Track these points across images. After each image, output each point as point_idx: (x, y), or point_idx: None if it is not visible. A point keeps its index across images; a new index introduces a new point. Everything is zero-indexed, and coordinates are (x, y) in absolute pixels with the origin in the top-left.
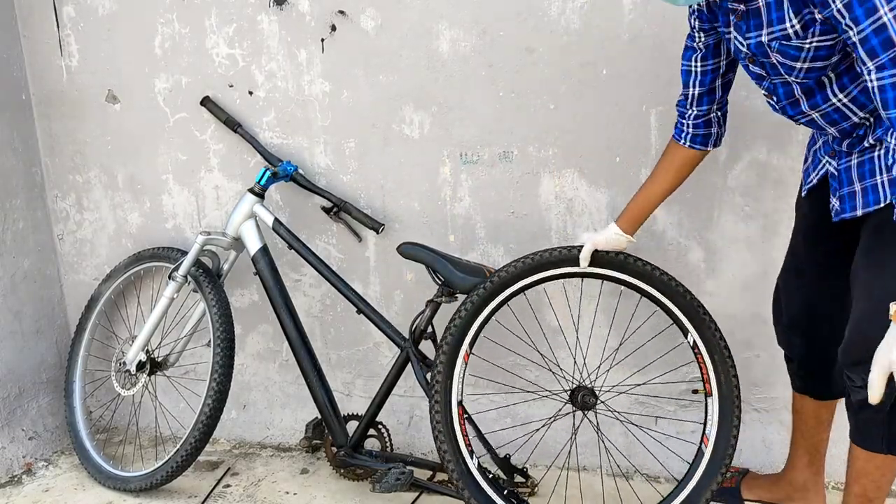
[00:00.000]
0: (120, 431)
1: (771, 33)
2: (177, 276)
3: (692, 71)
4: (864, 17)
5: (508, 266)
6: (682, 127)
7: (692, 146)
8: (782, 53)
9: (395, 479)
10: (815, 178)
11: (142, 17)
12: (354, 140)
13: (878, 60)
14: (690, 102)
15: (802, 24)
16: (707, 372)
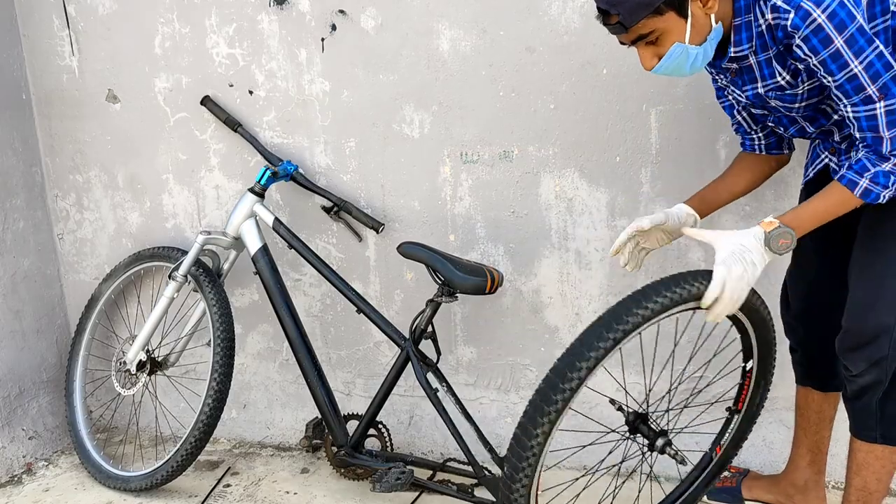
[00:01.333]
0: (120, 431)
1: (766, 85)
2: (177, 276)
3: (731, 104)
4: (837, 70)
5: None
6: (754, 141)
7: (769, 153)
8: (779, 100)
9: (395, 479)
10: (811, 172)
11: (142, 17)
12: (354, 140)
13: (851, 100)
14: (749, 125)
15: (791, 73)
16: (747, 394)
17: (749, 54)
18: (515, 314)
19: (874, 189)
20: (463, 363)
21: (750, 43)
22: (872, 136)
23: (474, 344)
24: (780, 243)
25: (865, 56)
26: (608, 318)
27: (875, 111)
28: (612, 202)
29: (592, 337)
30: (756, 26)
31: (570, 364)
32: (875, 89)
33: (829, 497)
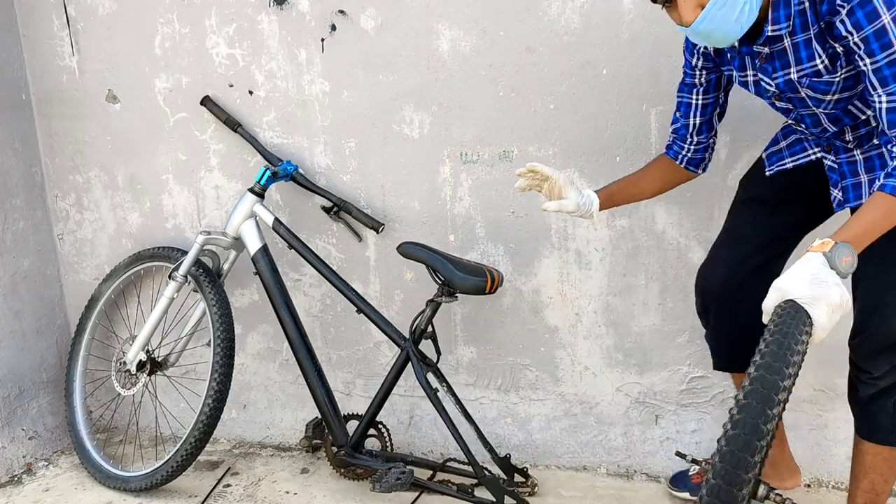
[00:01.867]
0: (120, 431)
1: (801, 70)
2: (177, 276)
3: (693, 103)
4: (879, 50)
5: None
6: (682, 150)
7: (688, 168)
8: (812, 88)
9: (395, 479)
10: (790, 163)
11: (142, 17)
12: (354, 140)
13: (888, 88)
14: (692, 132)
15: (830, 58)
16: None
17: (785, 35)
18: (515, 314)
19: None
20: (463, 363)
21: (788, 21)
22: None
23: (474, 344)
24: (844, 262)
25: None
26: (756, 410)
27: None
28: None
29: (753, 437)
30: (796, 3)
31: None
32: None
33: (829, 497)
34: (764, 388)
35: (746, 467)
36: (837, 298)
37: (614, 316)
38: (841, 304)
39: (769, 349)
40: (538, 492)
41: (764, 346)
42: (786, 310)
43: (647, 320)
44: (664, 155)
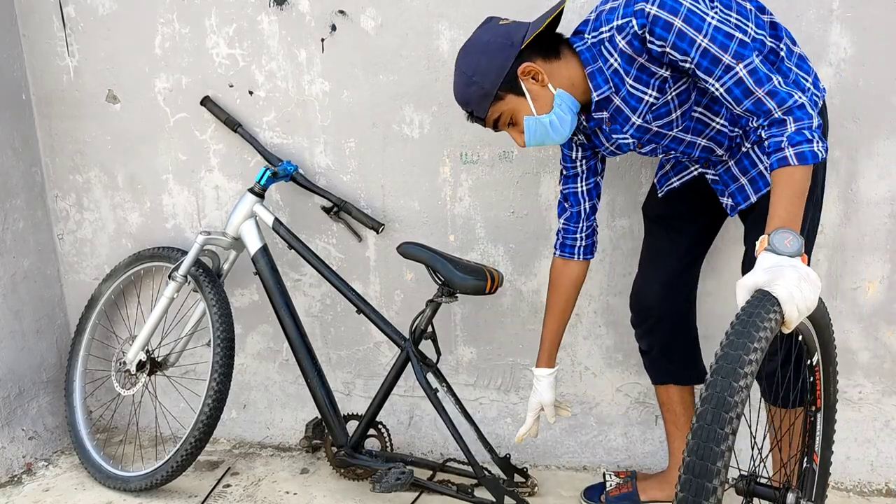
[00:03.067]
0: (120, 431)
1: (640, 113)
2: (177, 276)
3: (579, 192)
4: (689, 48)
5: None
6: (574, 243)
7: (584, 258)
8: (657, 118)
9: (395, 479)
10: (676, 182)
11: (142, 17)
12: (354, 140)
13: (715, 75)
14: (582, 219)
15: (657, 89)
16: (821, 389)
17: (611, 95)
18: (515, 314)
19: (803, 149)
20: (463, 363)
21: (608, 84)
22: (752, 102)
23: (474, 344)
24: (786, 243)
25: (705, 31)
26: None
27: (738, 75)
28: (612, 202)
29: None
30: (608, 67)
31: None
32: (730, 58)
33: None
34: (728, 364)
35: (717, 440)
36: (794, 273)
37: (614, 316)
38: (801, 276)
39: (733, 329)
40: (538, 492)
41: (729, 328)
42: (752, 297)
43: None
44: (558, 262)
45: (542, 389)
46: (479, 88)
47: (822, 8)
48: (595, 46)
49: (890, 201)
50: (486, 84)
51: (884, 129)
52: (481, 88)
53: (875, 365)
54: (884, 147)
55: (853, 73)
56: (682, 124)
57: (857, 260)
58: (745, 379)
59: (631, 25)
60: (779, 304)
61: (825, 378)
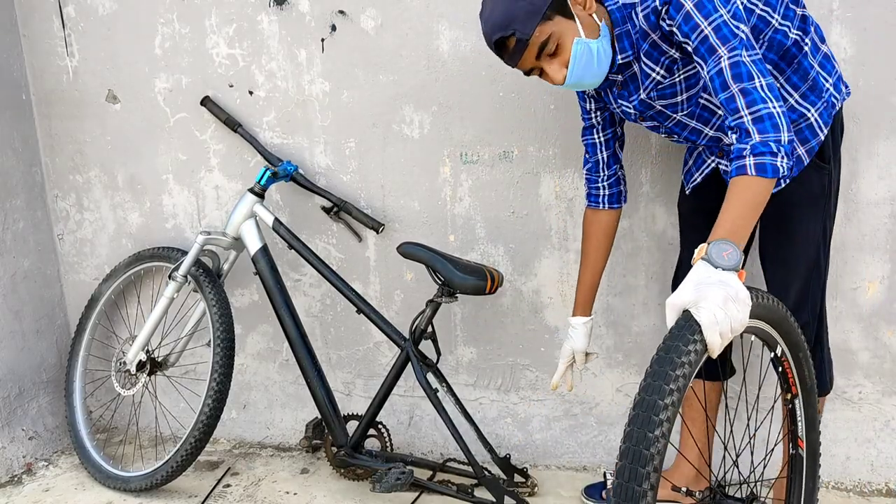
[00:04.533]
0: (120, 431)
1: (646, 88)
2: (177, 276)
3: (597, 142)
4: (691, 32)
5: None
6: (598, 192)
7: (611, 207)
8: (661, 97)
9: (395, 479)
10: (699, 177)
11: (142, 17)
12: (354, 140)
13: (708, 64)
14: (602, 168)
15: (665, 67)
16: (793, 375)
17: (633, 61)
18: (515, 314)
19: (764, 160)
20: (463, 363)
21: (633, 49)
22: (726, 98)
23: (474, 344)
24: (725, 255)
25: (714, 19)
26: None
27: (721, 63)
28: None
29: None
30: (634, 33)
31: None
32: (724, 49)
33: (829, 497)
34: (644, 411)
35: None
36: (720, 293)
37: (614, 316)
38: (728, 296)
39: (651, 369)
40: (538, 492)
41: (649, 365)
42: (676, 323)
43: (647, 320)
44: (588, 212)
45: (576, 337)
46: (528, 4)
47: (822, 8)
48: (626, 9)
49: (890, 201)
50: (538, 1)
51: (884, 129)
52: (531, 4)
53: (875, 365)
54: (884, 147)
55: (853, 73)
56: (687, 109)
57: (857, 260)
58: (662, 427)
59: (654, 1)
60: (701, 332)
61: (796, 364)
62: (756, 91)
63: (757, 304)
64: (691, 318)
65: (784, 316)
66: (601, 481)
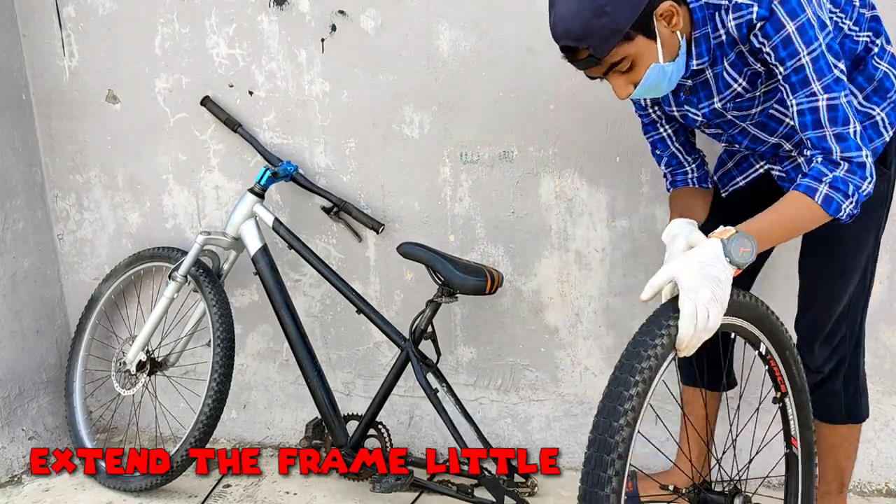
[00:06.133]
0: (120, 431)
1: (723, 98)
2: (177, 276)
3: (665, 135)
4: (788, 58)
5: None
6: (687, 175)
7: (702, 185)
8: (737, 108)
9: (395, 479)
10: (742, 181)
11: (142, 17)
12: (354, 140)
13: (797, 95)
14: (683, 156)
15: (748, 79)
16: (781, 374)
17: (706, 67)
18: (515, 314)
19: (835, 196)
20: (463, 363)
21: (709, 55)
22: (817, 136)
23: (474, 344)
24: (741, 251)
25: (814, 49)
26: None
27: (817, 103)
28: (612, 202)
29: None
30: (714, 37)
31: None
32: (820, 86)
33: None
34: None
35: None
36: (710, 291)
37: (614, 316)
38: (714, 296)
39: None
40: (538, 492)
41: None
42: (655, 311)
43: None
44: (674, 190)
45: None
46: (610, 21)
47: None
48: (709, 9)
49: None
50: (621, 18)
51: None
52: (614, 22)
53: (875, 365)
54: None
55: None
56: (757, 119)
57: None
58: (626, 416)
59: (750, 11)
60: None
61: (783, 363)
62: (851, 138)
63: (736, 302)
64: (668, 309)
65: (765, 313)
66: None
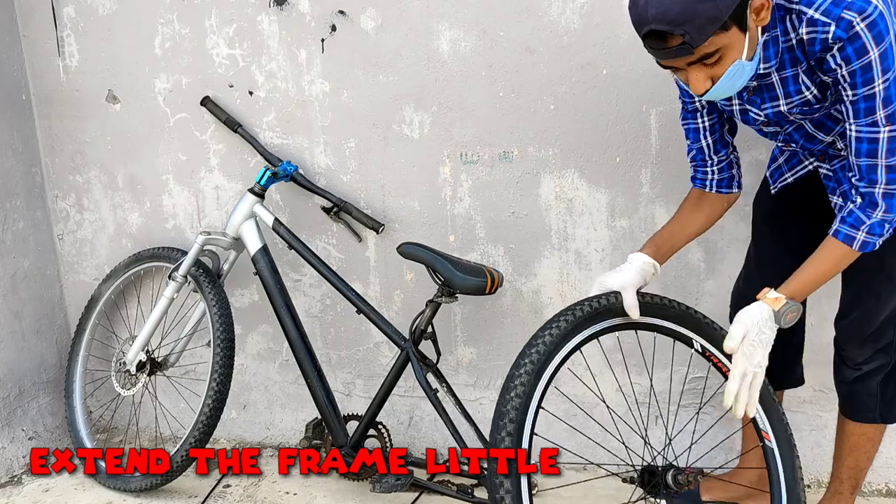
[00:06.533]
0: (120, 431)
1: (790, 102)
2: (177, 276)
3: (700, 127)
4: (861, 84)
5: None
6: (706, 176)
7: (719, 191)
8: (803, 113)
9: (395, 479)
10: (791, 177)
11: (142, 17)
12: (354, 140)
13: (860, 121)
14: (709, 153)
15: (819, 87)
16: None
17: (773, 70)
18: (515, 315)
19: (871, 240)
20: (463, 364)
21: (777, 58)
22: (867, 164)
23: (474, 344)
24: (788, 318)
25: (888, 76)
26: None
27: (878, 134)
28: (612, 203)
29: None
30: (784, 41)
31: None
32: (884, 115)
33: None
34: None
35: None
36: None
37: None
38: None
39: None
40: (538, 492)
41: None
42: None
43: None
44: (694, 191)
45: (622, 270)
46: (713, 8)
47: None
48: (779, 10)
49: None
50: (723, 5)
51: None
52: (716, 9)
53: None
54: None
55: None
56: (816, 119)
57: None
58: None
59: (826, 31)
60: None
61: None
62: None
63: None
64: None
65: (687, 313)
66: None
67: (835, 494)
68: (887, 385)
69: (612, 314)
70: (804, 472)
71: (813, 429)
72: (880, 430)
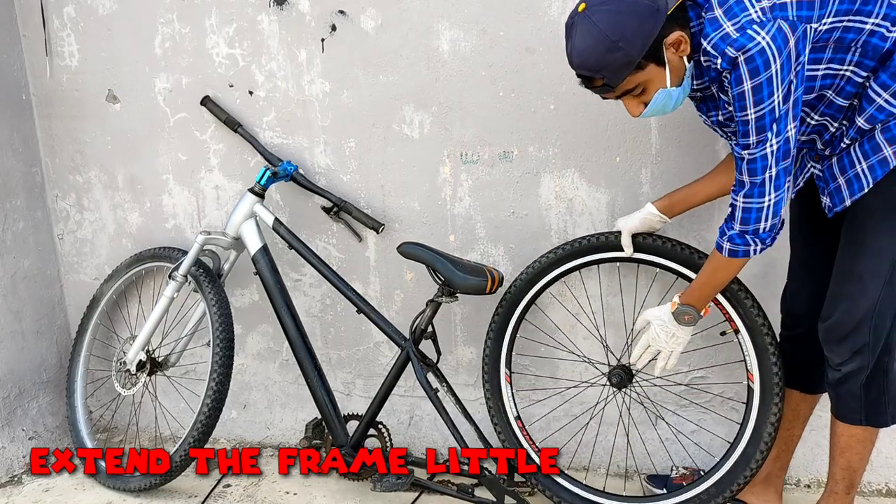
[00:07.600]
0: (120, 431)
1: (724, 114)
2: (177, 276)
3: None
4: (738, 110)
5: (546, 254)
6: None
7: None
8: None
9: (395, 479)
10: (801, 181)
11: (142, 17)
12: (354, 140)
13: (738, 140)
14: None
15: (727, 116)
16: (726, 311)
17: (710, 85)
18: None
19: (737, 248)
20: (463, 363)
21: (703, 77)
22: (738, 178)
23: (474, 344)
24: (686, 319)
25: (760, 109)
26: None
27: (746, 154)
28: (612, 202)
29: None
30: (704, 64)
31: None
32: (756, 139)
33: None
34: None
35: None
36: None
37: (614, 316)
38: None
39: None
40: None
41: None
42: None
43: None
44: (730, 153)
45: (631, 215)
46: (624, 56)
47: None
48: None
49: None
50: (633, 51)
51: None
52: (627, 56)
53: None
54: None
55: None
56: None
57: None
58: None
59: (715, 62)
60: None
61: (729, 301)
62: (757, 187)
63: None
64: None
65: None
66: (665, 474)
67: (830, 494)
68: (870, 388)
69: (609, 248)
70: (804, 471)
71: (813, 429)
72: (871, 431)
